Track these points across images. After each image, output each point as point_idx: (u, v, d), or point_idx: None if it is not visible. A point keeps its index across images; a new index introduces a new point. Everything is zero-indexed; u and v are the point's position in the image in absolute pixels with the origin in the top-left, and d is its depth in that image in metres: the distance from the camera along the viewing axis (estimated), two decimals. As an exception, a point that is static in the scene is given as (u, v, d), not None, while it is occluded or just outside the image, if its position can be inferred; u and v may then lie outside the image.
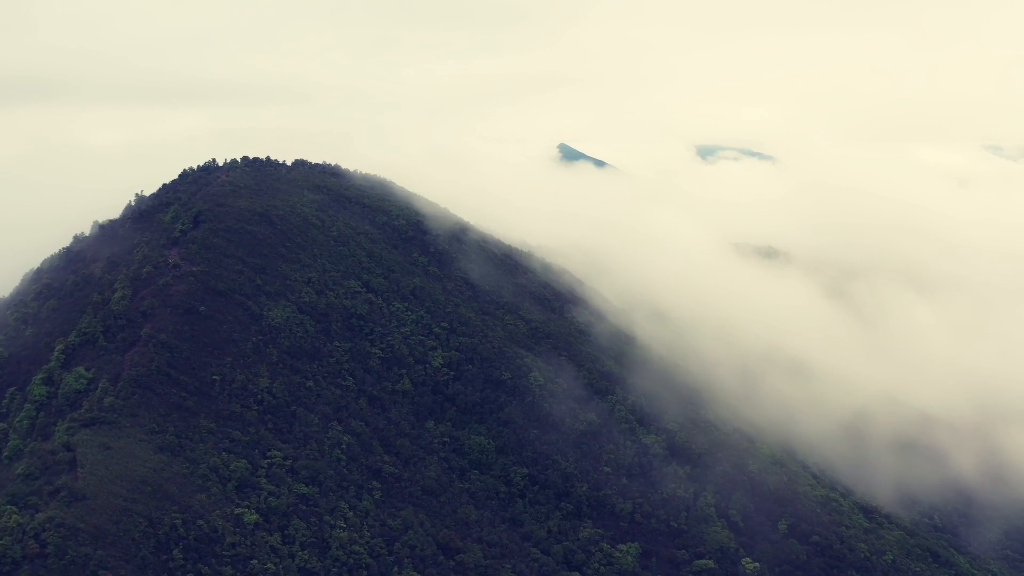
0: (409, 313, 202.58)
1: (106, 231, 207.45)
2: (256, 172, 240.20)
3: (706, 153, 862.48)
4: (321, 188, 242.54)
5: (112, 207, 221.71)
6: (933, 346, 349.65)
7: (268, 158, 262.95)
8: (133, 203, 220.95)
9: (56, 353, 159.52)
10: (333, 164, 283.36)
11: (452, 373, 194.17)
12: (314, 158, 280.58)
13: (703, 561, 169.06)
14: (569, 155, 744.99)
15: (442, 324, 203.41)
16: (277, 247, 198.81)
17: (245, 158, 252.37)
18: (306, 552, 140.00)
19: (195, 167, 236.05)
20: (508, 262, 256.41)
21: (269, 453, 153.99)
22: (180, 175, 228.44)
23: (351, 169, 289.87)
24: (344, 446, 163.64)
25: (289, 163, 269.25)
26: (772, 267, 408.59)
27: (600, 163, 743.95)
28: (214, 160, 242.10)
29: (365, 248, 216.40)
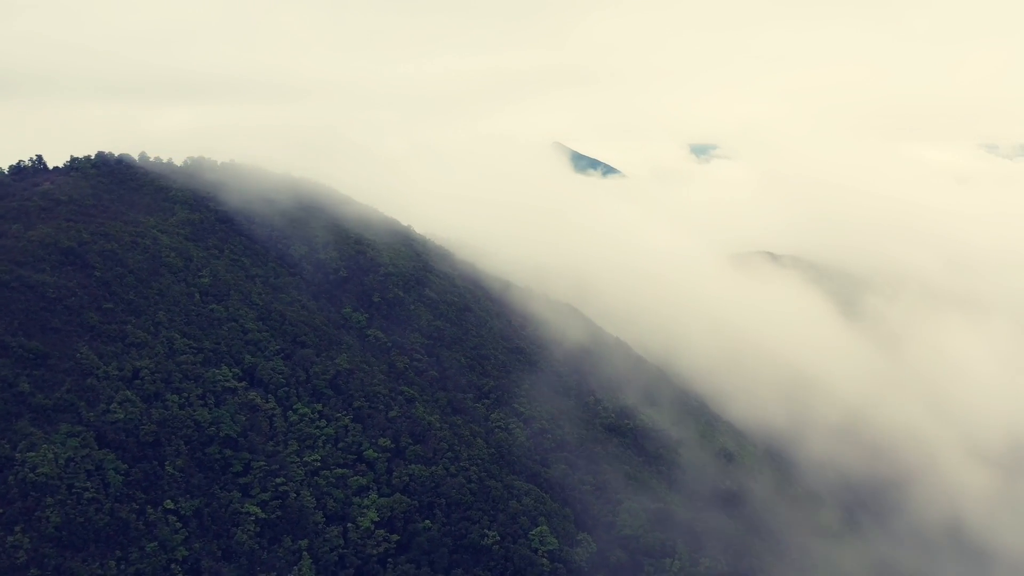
0: (323, 425, 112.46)
1: None
2: (106, 178, 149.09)
3: (700, 152, 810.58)
4: (207, 202, 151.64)
5: None
6: (978, 374, 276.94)
7: (143, 155, 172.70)
8: None
9: None
10: (247, 164, 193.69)
11: (396, 539, 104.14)
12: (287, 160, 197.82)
13: None
14: (563, 155, 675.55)
15: (382, 440, 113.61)
16: (82, 313, 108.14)
17: (101, 154, 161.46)
18: None
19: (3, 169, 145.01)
20: (493, 309, 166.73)
21: None
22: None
23: (280, 172, 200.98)
24: None
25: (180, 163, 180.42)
26: (778, 280, 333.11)
27: (595, 163, 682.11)
28: (39, 159, 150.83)
29: (258, 304, 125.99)
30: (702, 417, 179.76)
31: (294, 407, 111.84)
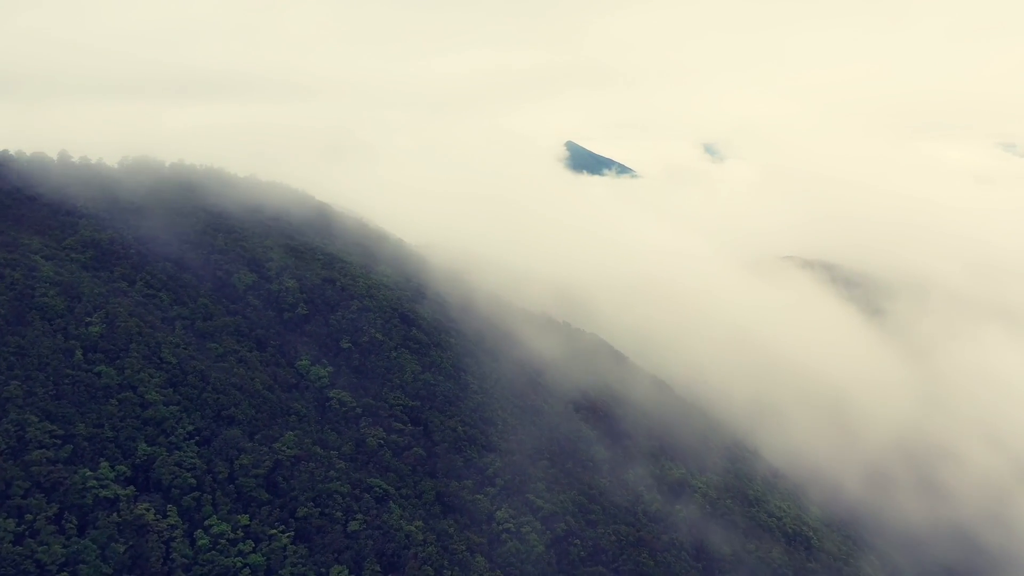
0: (248, 548, 75.00)
1: None
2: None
3: (716, 151, 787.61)
4: (128, 215, 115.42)
5: None
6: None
7: (64, 154, 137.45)
8: None
9: None
10: (202, 166, 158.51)
11: None
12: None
13: None
14: (576, 153, 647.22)
15: (337, 569, 76.62)
16: None
17: (5, 154, 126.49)
18: None
19: None
20: (502, 349, 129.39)
21: None
22: None
23: (245, 175, 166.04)
24: None
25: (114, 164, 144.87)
26: (805, 289, 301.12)
27: (609, 162, 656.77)
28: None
29: (170, 361, 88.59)
30: (756, 474, 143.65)
31: (206, 523, 74.88)
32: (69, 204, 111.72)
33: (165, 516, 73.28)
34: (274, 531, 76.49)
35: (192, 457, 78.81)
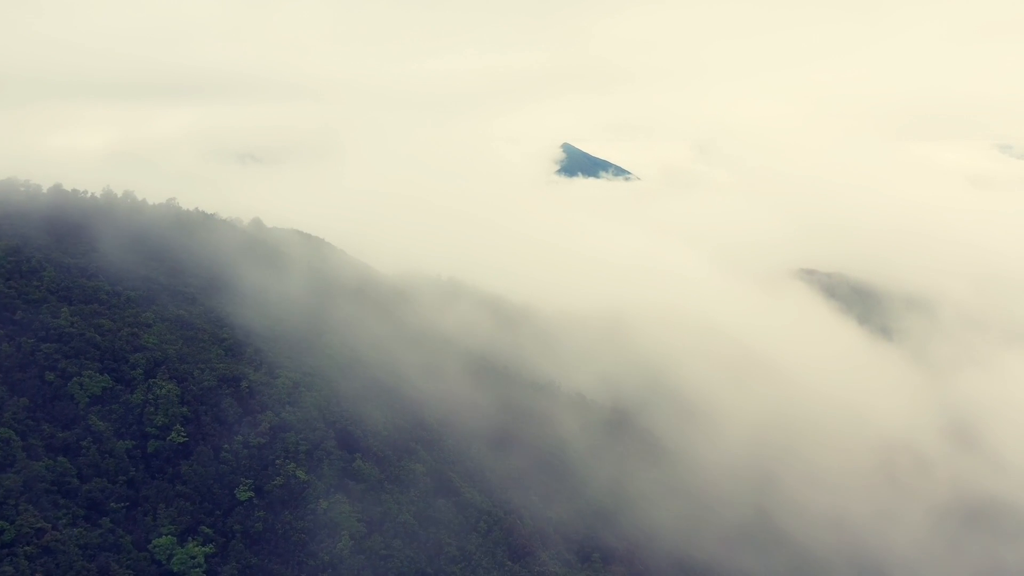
0: None
1: None
2: None
3: (714, 154, 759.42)
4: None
5: None
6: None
7: None
8: None
9: None
10: (94, 194, 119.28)
11: None
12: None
13: None
14: (572, 156, 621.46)
15: None
16: None
17: None
18: None
19: None
20: (503, 466, 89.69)
21: None
22: None
23: (158, 201, 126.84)
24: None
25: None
26: (821, 309, 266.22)
27: (606, 165, 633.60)
28: None
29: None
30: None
31: None
32: None
33: None
34: None
35: None
